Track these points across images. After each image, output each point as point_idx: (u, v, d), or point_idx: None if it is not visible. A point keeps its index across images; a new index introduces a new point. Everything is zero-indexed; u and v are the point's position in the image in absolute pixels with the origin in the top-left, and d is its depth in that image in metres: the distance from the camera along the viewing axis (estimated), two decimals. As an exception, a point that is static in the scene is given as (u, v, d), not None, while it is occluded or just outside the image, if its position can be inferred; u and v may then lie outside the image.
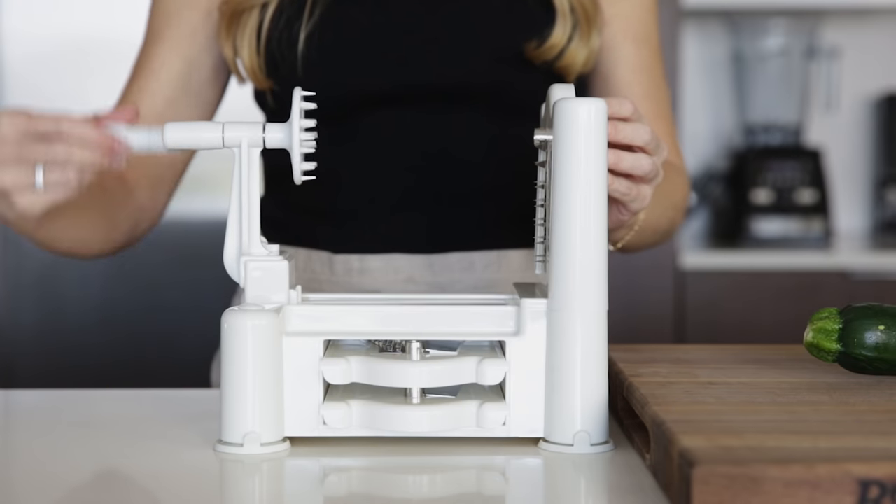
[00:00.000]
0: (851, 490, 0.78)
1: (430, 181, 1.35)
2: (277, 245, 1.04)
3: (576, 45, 1.35)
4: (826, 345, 1.09)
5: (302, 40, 1.32)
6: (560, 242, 0.98)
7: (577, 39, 1.35)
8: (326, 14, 1.32)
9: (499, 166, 1.35)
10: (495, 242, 1.37)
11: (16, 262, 2.86)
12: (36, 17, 2.83)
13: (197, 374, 1.63)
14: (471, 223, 1.36)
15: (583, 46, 1.35)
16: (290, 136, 1.02)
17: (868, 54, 3.34)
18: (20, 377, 2.82)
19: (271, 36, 1.33)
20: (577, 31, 1.35)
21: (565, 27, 1.34)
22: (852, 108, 3.34)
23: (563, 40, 1.34)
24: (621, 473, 0.95)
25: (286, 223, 1.39)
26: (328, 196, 1.37)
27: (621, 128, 1.08)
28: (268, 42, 1.33)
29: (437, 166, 1.35)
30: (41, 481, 0.94)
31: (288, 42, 1.32)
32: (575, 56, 1.35)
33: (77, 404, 1.19)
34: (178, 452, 1.00)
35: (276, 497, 0.94)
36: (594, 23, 1.36)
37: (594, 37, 1.36)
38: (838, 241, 3.12)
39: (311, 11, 1.32)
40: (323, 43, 1.32)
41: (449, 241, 1.36)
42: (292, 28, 1.32)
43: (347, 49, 1.32)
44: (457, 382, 1.00)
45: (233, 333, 0.98)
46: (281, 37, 1.33)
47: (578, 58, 1.35)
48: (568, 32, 1.34)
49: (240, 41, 1.34)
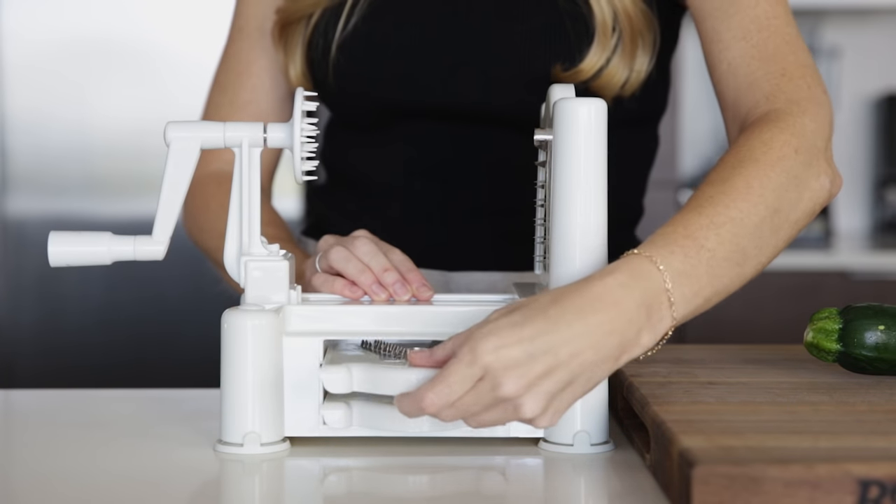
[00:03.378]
0: (851, 490, 0.78)
1: (451, 198, 1.34)
2: (277, 245, 1.04)
3: (615, 66, 1.27)
4: (826, 345, 1.09)
5: (334, 50, 1.32)
6: (560, 242, 0.98)
7: (616, 60, 1.27)
8: (361, 25, 1.32)
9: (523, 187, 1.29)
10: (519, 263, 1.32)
11: (16, 263, 2.86)
12: (36, 17, 2.83)
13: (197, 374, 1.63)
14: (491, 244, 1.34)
15: (623, 67, 1.27)
16: (291, 136, 1.02)
17: (868, 54, 3.34)
18: (20, 377, 2.82)
19: (311, 43, 1.34)
20: (617, 52, 1.27)
21: (603, 50, 1.26)
22: (852, 108, 3.35)
23: (598, 64, 1.26)
24: (621, 473, 0.95)
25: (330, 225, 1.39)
26: (358, 201, 1.37)
27: None
28: (308, 50, 1.34)
29: (459, 184, 1.33)
30: (41, 481, 0.94)
31: (323, 50, 1.33)
32: (612, 78, 1.27)
33: (77, 404, 1.19)
34: (179, 452, 1.00)
35: (276, 497, 0.94)
36: (642, 42, 1.28)
37: (640, 57, 1.28)
38: (838, 241, 3.12)
39: (347, 22, 1.32)
40: (352, 54, 1.32)
41: (468, 260, 1.34)
42: (328, 36, 1.33)
43: (374, 62, 1.31)
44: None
45: (233, 333, 0.98)
46: (318, 44, 1.33)
47: (616, 79, 1.27)
48: (606, 55, 1.26)
49: (290, 49, 1.35)
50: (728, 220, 1.00)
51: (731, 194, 1.02)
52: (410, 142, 1.34)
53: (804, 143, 1.09)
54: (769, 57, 1.17)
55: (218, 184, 1.35)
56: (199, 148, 1.02)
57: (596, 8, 1.26)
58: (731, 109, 1.19)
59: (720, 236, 0.99)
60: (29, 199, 2.86)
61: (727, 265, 0.99)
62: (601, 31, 1.26)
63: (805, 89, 1.15)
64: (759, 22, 1.19)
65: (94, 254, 1.01)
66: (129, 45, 2.84)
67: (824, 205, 1.11)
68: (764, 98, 1.15)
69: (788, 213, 1.06)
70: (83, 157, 2.85)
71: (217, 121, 1.04)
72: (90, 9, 2.83)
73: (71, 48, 2.83)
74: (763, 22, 1.19)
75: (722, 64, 1.19)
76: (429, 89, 1.30)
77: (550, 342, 0.89)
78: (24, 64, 2.84)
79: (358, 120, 1.36)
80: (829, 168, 1.11)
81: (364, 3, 1.32)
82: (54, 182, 2.86)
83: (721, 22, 1.20)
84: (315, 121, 1.03)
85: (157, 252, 1.02)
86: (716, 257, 0.98)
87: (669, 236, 0.97)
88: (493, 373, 0.89)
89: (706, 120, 3.33)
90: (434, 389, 0.89)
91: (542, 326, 0.90)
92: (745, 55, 1.18)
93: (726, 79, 1.19)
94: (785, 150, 1.07)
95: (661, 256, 0.95)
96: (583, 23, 1.27)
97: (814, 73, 1.18)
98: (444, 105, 1.30)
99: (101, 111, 2.84)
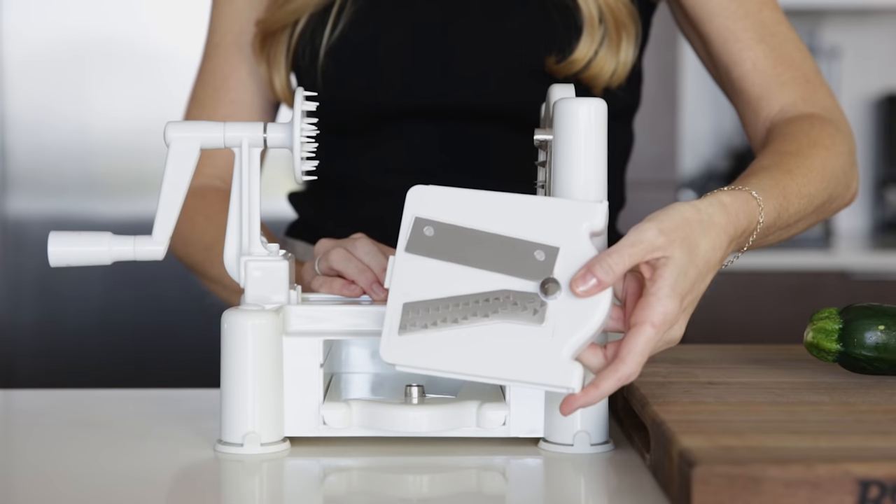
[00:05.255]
0: (851, 490, 0.78)
1: None
2: (277, 244, 1.04)
3: (603, 57, 1.30)
4: (826, 345, 1.09)
5: (322, 56, 1.32)
6: (560, 242, 0.98)
7: (604, 51, 1.30)
8: (348, 30, 1.32)
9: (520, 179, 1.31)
10: None
11: (16, 262, 2.86)
12: (36, 17, 2.83)
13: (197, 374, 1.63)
14: None
15: (610, 58, 1.30)
16: (291, 137, 1.02)
17: (868, 54, 3.34)
18: (20, 377, 2.82)
19: (297, 51, 1.34)
20: (604, 43, 1.30)
21: (592, 41, 1.29)
22: (852, 109, 3.35)
23: (588, 55, 1.29)
24: (621, 473, 0.95)
25: (316, 226, 1.39)
26: (351, 203, 1.37)
27: None
28: (294, 57, 1.34)
29: (455, 180, 1.33)
30: (41, 481, 0.94)
31: (311, 57, 1.33)
32: (601, 68, 1.30)
33: (77, 404, 1.19)
34: (179, 452, 1.00)
35: (276, 497, 0.94)
36: (626, 34, 1.31)
37: (625, 48, 1.31)
38: (838, 241, 3.12)
39: (334, 27, 1.32)
40: (341, 59, 1.32)
41: None
42: (315, 43, 1.33)
43: (363, 67, 1.31)
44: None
45: (233, 333, 0.98)
46: (305, 52, 1.33)
47: (605, 70, 1.30)
48: (595, 46, 1.29)
49: (273, 60, 1.35)
50: (807, 194, 1.11)
51: (812, 172, 1.13)
52: (402, 144, 1.34)
53: (851, 147, 1.22)
54: (789, 61, 1.28)
55: (201, 197, 1.35)
56: (198, 148, 1.02)
57: (581, 1, 1.30)
58: (754, 106, 1.27)
59: (800, 205, 1.10)
60: (29, 199, 2.86)
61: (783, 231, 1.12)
62: (588, 22, 1.29)
63: (830, 98, 1.27)
64: (768, 27, 1.24)
65: (93, 254, 1.01)
66: (129, 45, 2.84)
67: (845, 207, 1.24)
68: (801, 100, 1.25)
69: (832, 204, 1.19)
70: (83, 157, 2.85)
71: None
72: (90, 8, 2.83)
73: (71, 48, 2.83)
74: (772, 28, 1.24)
75: (745, 63, 1.26)
76: (421, 89, 1.30)
77: (701, 288, 0.95)
78: (24, 63, 2.84)
79: (348, 124, 1.36)
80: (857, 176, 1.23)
81: (351, 9, 1.32)
82: (54, 182, 2.86)
83: (735, 22, 1.25)
84: (315, 121, 1.03)
85: (156, 252, 1.02)
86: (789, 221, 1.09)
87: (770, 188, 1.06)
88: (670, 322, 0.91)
89: (706, 120, 3.33)
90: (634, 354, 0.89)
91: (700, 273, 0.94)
92: (767, 56, 1.27)
93: (751, 77, 1.27)
94: (842, 147, 1.19)
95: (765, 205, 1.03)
96: (570, 15, 1.30)
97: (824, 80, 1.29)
98: (435, 105, 1.31)
99: (101, 111, 2.84)
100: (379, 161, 1.35)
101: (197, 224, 1.34)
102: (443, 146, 1.33)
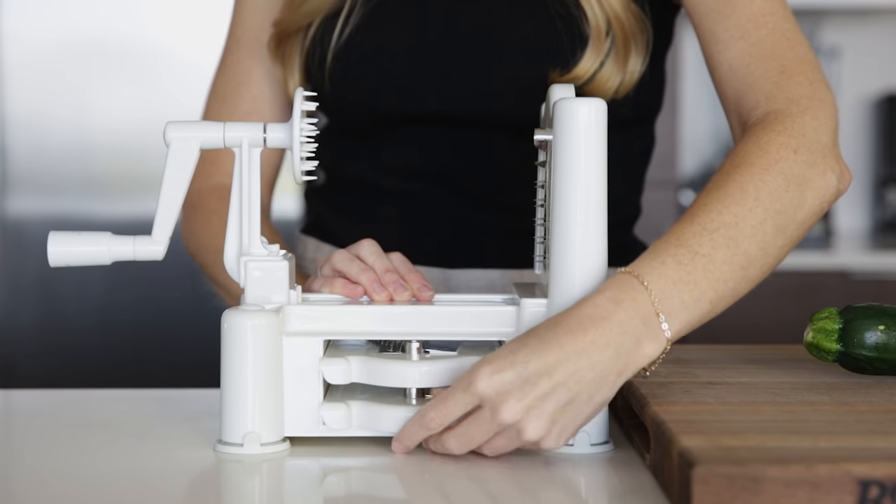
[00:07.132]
0: (851, 490, 0.78)
1: (450, 198, 1.33)
2: (277, 245, 1.04)
3: (608, 71, 1.25)
4: (826, 345, 1.09)
5: (330, 58, 1.32)
6: (560, 242, 0.98)
7: (609, 65, 1.26)
8: (356, 34, 1.32)
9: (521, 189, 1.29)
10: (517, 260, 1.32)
11: (16, 263, 2.86)
12: (36, 16, 2.83)
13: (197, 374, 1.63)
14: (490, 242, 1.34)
15: (616, 72, 1.26)
16: (291, 137, 1.02)
17: (868, 54, 3.34)
18: (20, 377, 2.82)
19: (309, 53, 1.34)
20: (610, 56, 1.26)
21: (597, 55, 1.26)
22: (852, 108, 3.35)
23: (592, 68, 1.26)
24: (621, 473, 0.95)
25: (330, 224, 1.39)
26: (364, 202, 1.37)
27: None
28: (306, 59, 1.34)
29: (461, 184, 1.33)
30: (41, 481, 0.94)
31: (320, 59, 1.33)
32: (605, 82, 1.26)
33: (77, 404, 1.19)
34: (179, 452, 1.00)
35: (276, 497, 0.94)
36: (635, 46, 1.27)
37: (633, 60, 1.27)
38: (838, 241, 3.12)
39: (342, 31, 1.32)
40: (348, 62, 1.32)
41: (467, 257, 1.34)
42: (324, 45, 1.33)
43: (370, 70, 1.31)
44: None
45: (233, 333, 0.98)
46: (315, 54, 1.33)
47: (609, 84, 1.26)
48: (599, 59, 1.25)
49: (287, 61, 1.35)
50: (721, 225, 1.01)
51: (724, 200, 1.02)
52: (408, 146, 1.34)
53: (804, 142, 1.09)
54: (767, 55, 1.17)
55: (219, 198, 1.35)
56: (198, 148, 1.02)
57: (589, 12, 1.26)
58: (734, 111, 1.19)
59: (714, 241, 0.99)
60: (29, 199, 2.86)
61: (728, 269, 1.00)
62: (595, 35, 1.26)
63: (806, 86, 1.15)
64: (755, 20, 1.19)
65: (93, 254, 1.01)
66: (129, 45, 2.84)
67: (833, 201, 1.11)
68: (764, 98, 1.15)
69: (793, 213, 1.06)
70: (83, 157, 2.85)
71: None
72: (90, 9, 2.83)
73: (71, 48, 2.83)
74: (760, 20, 1.19)
75: (722, 66, 1.20)
76: (425, 96, 1.30)
77: (544, 364, 0.92)
78: (24, 64, 2.84)
79: (355, 126, 1.36)
80: (837, 164, 1.10)
81: (360, 12, 1.32)
82: (54, 182, 2.86)
83: (717, 23, 1.20)
84: (315, 121, 1.03)
85: (156, 252, 1.02)
86: (713, 261, 0.99)
87: (661, 248, 0.99)
88: (489, 400, 0.93)
89: (706, 120, 3.33)
90: (435, 408, 0.95)
91: (534, 349, 0.93)
92: (743, 55, 1.18)
93: (727, 80, 1.20)
94: (782, 152, 1.07)
95: (648, 270, 0.97)
96: (576, 27, 1.27)
97: (814, 67, 1.17)
98: (440, 111, 1.30)
99: (101, 111, 2.84)
100: (389, 163, 1.35)
101: (212, 225, 1.34)
102: (449, 150, 1.33)
